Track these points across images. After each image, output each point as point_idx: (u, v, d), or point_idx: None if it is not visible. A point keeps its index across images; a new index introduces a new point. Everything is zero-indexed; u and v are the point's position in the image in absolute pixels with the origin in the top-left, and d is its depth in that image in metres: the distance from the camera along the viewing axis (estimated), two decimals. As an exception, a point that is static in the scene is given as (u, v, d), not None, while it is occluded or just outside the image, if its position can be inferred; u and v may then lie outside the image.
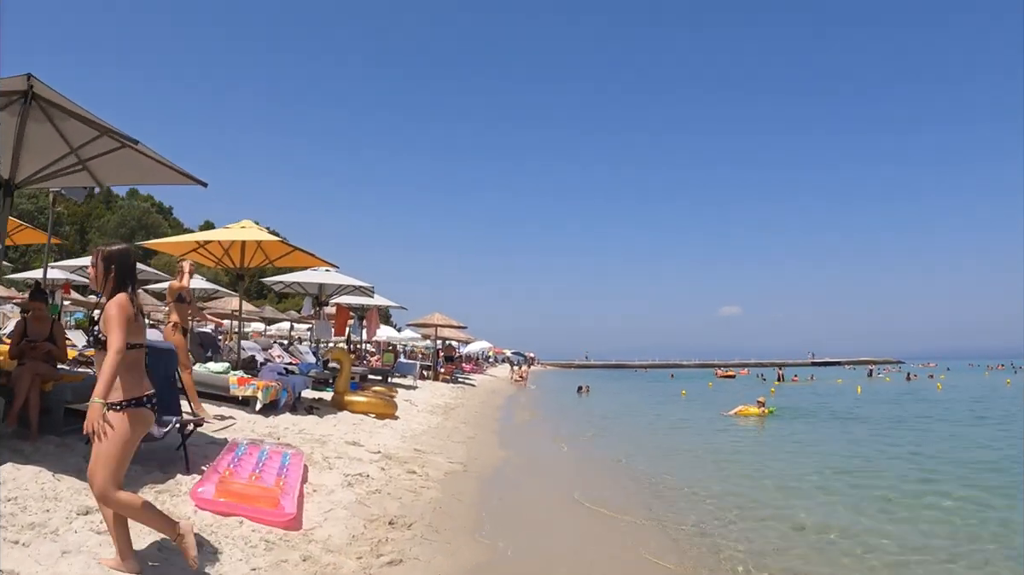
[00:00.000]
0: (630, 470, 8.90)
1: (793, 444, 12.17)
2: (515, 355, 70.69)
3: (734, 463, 9.77)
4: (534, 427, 13.40)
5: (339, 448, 7.22)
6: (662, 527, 5.86)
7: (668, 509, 6.61)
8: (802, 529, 5.97)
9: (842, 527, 6.04)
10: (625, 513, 6.33)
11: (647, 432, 14.01)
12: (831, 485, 8.17)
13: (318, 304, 14.31)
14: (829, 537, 5.72)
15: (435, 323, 24.93)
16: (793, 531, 5.92)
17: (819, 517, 6.38)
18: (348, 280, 13.76)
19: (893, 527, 6.12)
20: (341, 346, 13.32)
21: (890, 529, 6.03)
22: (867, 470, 9.41)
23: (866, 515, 6.57)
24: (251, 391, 8.80)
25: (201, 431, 7.04)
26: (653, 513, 6.41)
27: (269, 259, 10.55)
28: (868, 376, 53.57)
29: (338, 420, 9.37)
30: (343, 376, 10.69)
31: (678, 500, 7.11)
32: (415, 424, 10.46)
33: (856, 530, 5.97)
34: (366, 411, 10.32)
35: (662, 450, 11.01)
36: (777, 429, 14.78)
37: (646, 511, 6.49)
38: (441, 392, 18.38)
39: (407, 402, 13.53)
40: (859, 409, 21.31)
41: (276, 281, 14.61)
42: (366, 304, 17.93)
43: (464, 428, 11.19)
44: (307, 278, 14.07)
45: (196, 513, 4.40)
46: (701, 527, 5.88)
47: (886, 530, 6.00)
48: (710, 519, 6.19)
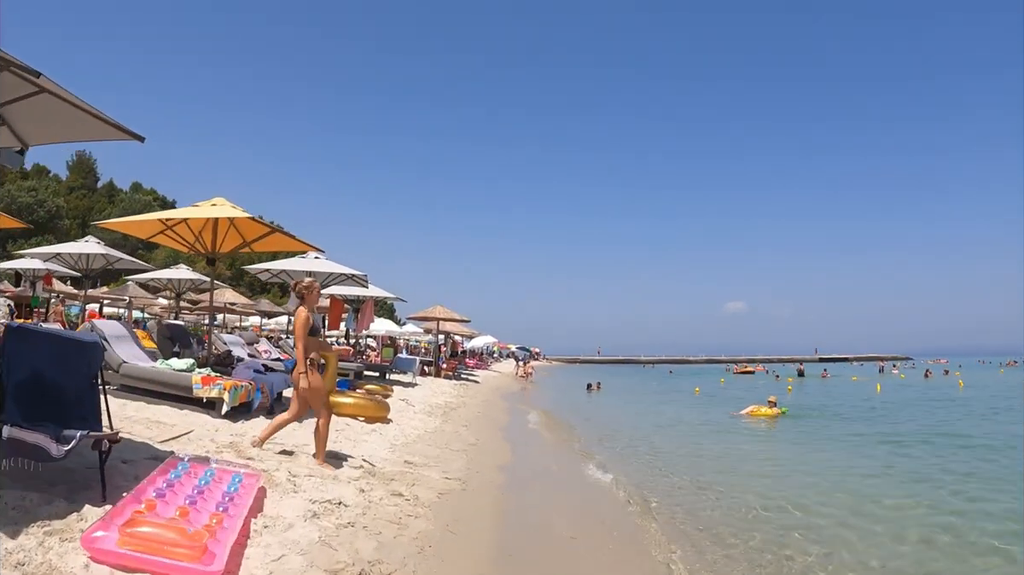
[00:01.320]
0: (655, 491, 7.70)
1: (807, 458, 10.88)
2: (520, 350, 69.54)
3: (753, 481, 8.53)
4: (543, 431, 12.17)
5: (313, 463, 6.01)
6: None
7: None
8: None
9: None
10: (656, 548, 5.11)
11: (667, 437, 12.78)
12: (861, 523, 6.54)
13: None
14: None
15: (437, 316, 23.72)
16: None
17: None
18: (339, 268, 12.55)
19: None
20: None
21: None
22: (911, 500, 7.39)
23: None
24: (216, 392, 7.60)
25: (145, 442, 5.87)
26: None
27: (245, 241, 9.33)
28: (880, 373, 52.20)
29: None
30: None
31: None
32: (409, 429, 9.25)
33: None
34: (353, 414, 9.12)
35: (688, 463, 9.79)
36: (789, 436, 13.43)
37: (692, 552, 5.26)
38: (442, 390, 17.18)
39: (403, 402, 12.32)
40: (883, 411, 19.98)
41: (261, 269, 13.40)
42: (362, 295, 16.73)
43: (465, 433, 9.97)
44: (294, 266, 12.87)
45: (88, 568, 3.20)
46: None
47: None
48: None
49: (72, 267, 16.44)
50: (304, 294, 5.96)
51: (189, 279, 18.91)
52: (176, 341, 9.90)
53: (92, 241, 15.16)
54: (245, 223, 9.13)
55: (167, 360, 8.41)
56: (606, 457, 9.44)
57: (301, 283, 6.02)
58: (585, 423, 13.98)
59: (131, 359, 8.37)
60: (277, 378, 9.42)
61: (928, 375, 46.14)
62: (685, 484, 7.80)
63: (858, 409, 19.99)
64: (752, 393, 26.35)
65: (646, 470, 8.53)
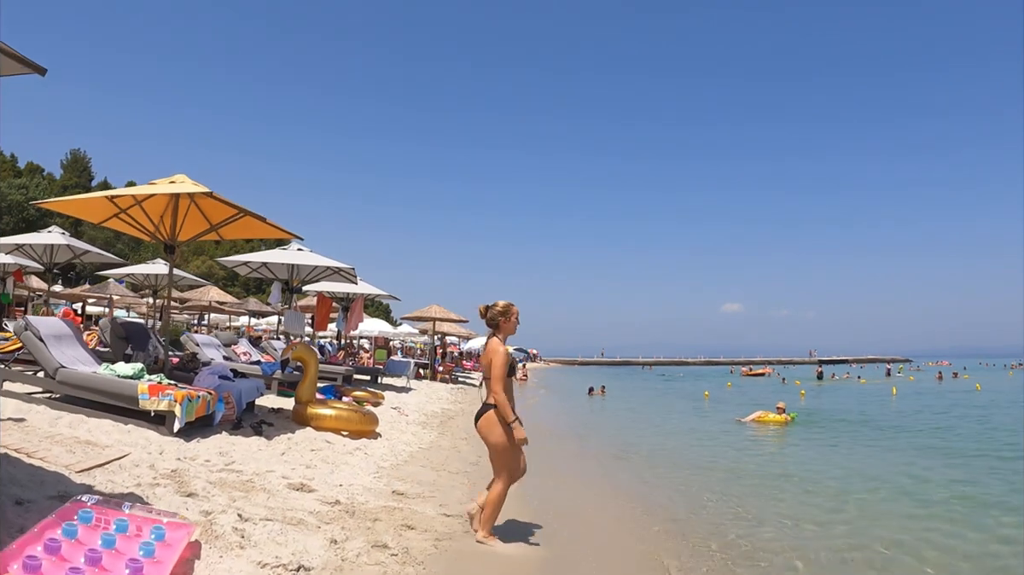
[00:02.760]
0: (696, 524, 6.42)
1: (863, 473, 9.62)
2: (517, 351, 68.35)
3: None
4: (551, 444, 10.86)
5: (274, 499, 4.71)
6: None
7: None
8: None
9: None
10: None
11: (689, 452, 11.51)
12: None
13: (289, 290, 11.78)
14: None
15: (432, 316, 22.41)
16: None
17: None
18: (324, 261, 11.25)
19: None
20: (304, 341, 10.79)
21: None
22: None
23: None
24: (166, 404, 6.29)
25: (58, 471, 4.57)
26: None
27: (211, 224, 8.03)
28: (887, 375, 51.08)
29: (293, 443, 6.86)
30: (307, 380, 8.18)
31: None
32: (401, 445, 7.95)
33: None
34: (336, 428, 7.82)
35: (729, 490, 8.50)
36: (799, 445, 12.18)
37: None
38: (438, 395, 15.88)
39: (395, 410, 11.02)
40: (907, 417, 18.75)
41: (239, 263, 12.07)
42: (352, 292, 15.43)
43: (465, 448, 8.68)
44: (276, 258, 11.56)
45: None
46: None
47: None
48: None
49: (36, 260, 15.07)
50: (499, 320, 4.50)
51: (164, 274, 17.52)
52: (131, 342, 8.58)
53: (56, 231, 13.81)
54: (209, 204, 7.83)
55: (113, 365, 7.09)
56: (630, 481, 8.16)
57: (495, 307, 4.52)
58: (595, 435, 12.69)
59: (71, 363, 7.06)
60: (247, 385, 8.11)
61: (940, 377, 45.02)
62: (745, 527, 6.51)
63: (886, 415, 18.76)
64: (766, 397, 25.16)
65: (680, 499, 7.24)
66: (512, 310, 4.52)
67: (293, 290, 11.76)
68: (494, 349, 4.39)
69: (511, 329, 4.53)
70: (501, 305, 4.50)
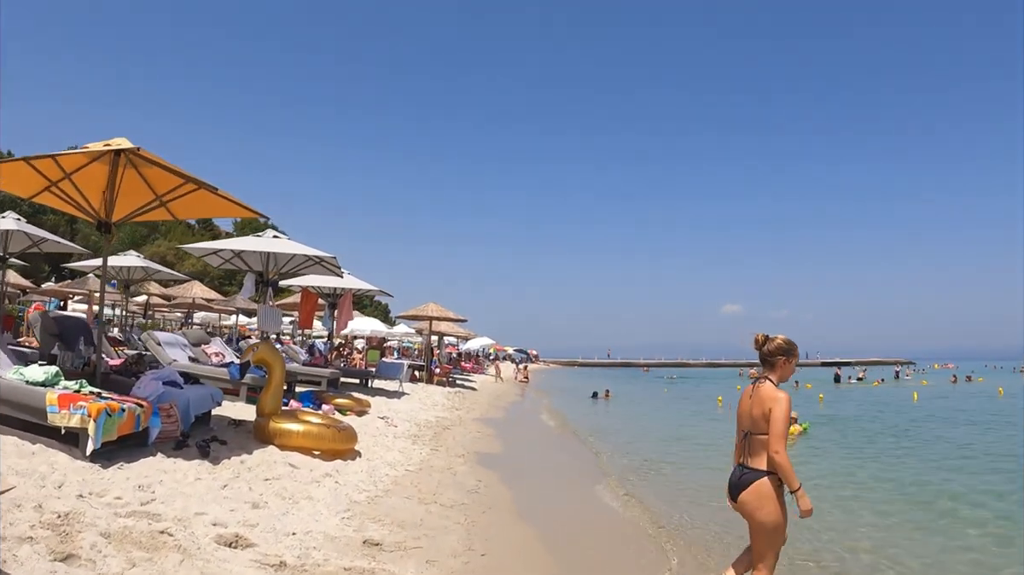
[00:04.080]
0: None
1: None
2: (517, 352, 66.97)
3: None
4: (563, 461, 9.49)
5: (189, 564, 3.34)
6: None
7: None
8: None
9: None
10: None
11: (714, 474, 10.15)
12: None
13: (263, 283, 10.39)
14: None
15: (429, 315, 21.05)
16: None
17: None
18: (304, 249, 9.87)
19: None
20: (266, 341, 9.39)
21: None
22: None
23: None
24: (77, 419, 4.92)
25: None
26: None
27: (157, 195, 6.65)
28: (895, 378, 49.76)
29: (244, 469, 5.48)
30: (270, 388, 6.81)
31: None
32: (384, 467, 6.57)
33: None
34: (304, 447, 6.44)
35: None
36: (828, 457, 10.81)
37: None
38: (433, 400, 14.50)
39: (383, 420, 9.66)
40: (943, 425, 17.37)
41: (207, 250, 10.69)
42: (339, 288, 14.04)
43: (462, 469, 7.30)
44: (248, 246, 10.18)
45: None
46: None
47: None
48: None
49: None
50: (779, 360, 3.35)
51: (141, 267, 16.11)
52: (63, 339, 7.19)
53: (11, 216, 12.41)
54: (155, 174, 6.46)
55: (24, 368, 5.71)
56: (663, 516, 6.78)
57: (774, 340, 3.38)
58: (610, 448, 11.30)
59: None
60: (198, 393, 6.75)
61: (954, 380, 43.69)
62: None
63: (917, 423, 17.38)
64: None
65: (719, 542, 5.86)
66: (795, 350, 3.39)
67: (268, 283, 10.39)
68: (771, 396, 3.23)
69: (789, 373, 3.41)
70: (782, 340, 3.37)
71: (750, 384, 3.45)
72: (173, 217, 7.70)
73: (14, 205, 26.03)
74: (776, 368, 3.33)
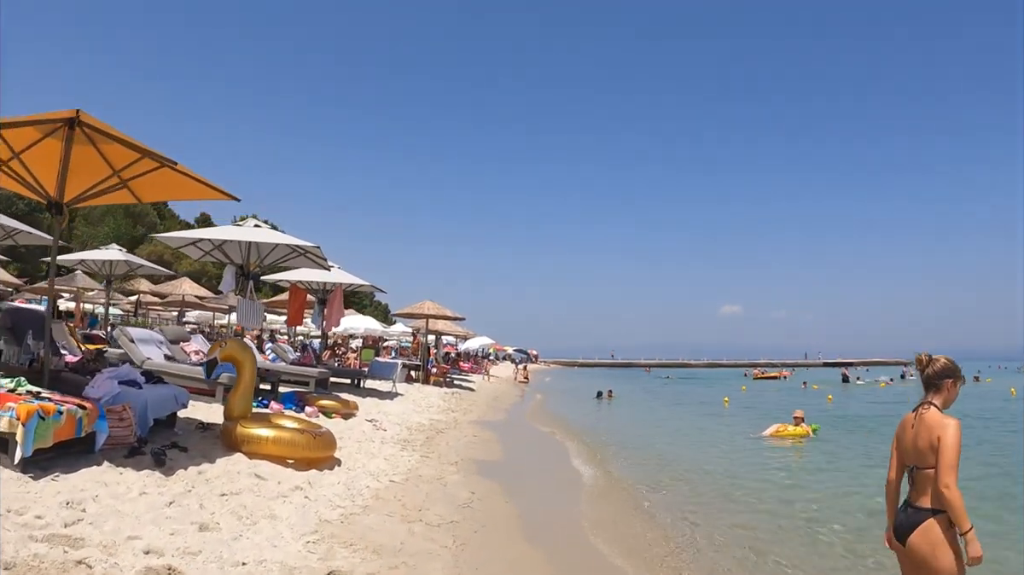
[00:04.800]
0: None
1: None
2: (517, 352, 66.14)
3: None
4: (570, 469, 8.78)
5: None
6: None
7: None
8: None
9: None
10: None
11: (733, 486, 9.44)
12: None
13: (244, 276, 9.69)
14: None
15: (426, 313, 20.34)
16: None
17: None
18: (285, 238, 9.17)
19: None
20: (235, 337, 8.71)
21: None
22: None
23: None
24: (5, 423, 4.23)
25: None
26: None
27: (115, 170, 5.95)
28: (902, 378, 48.97)
29: (200, 481, 4.77)
30: (239, 389, 6.11)
31: None
32: (365, 477, 5.86)
33: None
34: (276, 455, 5.73)
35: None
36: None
37: None
38: (428, 402, 13.79)
39: (371, 423, 8.95)
40: (968, 427, 16.59)
41: (185, 240, 9.98)
42: (329, 282, 13.34)
43: (454, 478, 6.59)
44: (226, 235, 9.47)
45: None
46: None
47: None
48: None
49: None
50: (945, 383, 2.94)
51: (124, 261, 15.36)
52: (14, 333, 6.49)
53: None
54: (114, 151, 5.77)
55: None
56: (688, 539, 6.06)
57: (937, 362, 2.98)
58: (618, 452, 10.60)
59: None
60: (159, 394, 6.04)
61: (975, 379, 43.00)
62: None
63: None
64: (789, 403, 23.09)
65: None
66: (959, 371, 3.00)
67: (250, 276, 9.69)
68: (938, 423, 2.81)
69: (954, 396, 2.97)
70: (945, 360, 2.99)
71: (910, 412, 2.97)
72: (137, 199, 7.01)
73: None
74: (942, 391, 2.92)
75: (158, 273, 16.47)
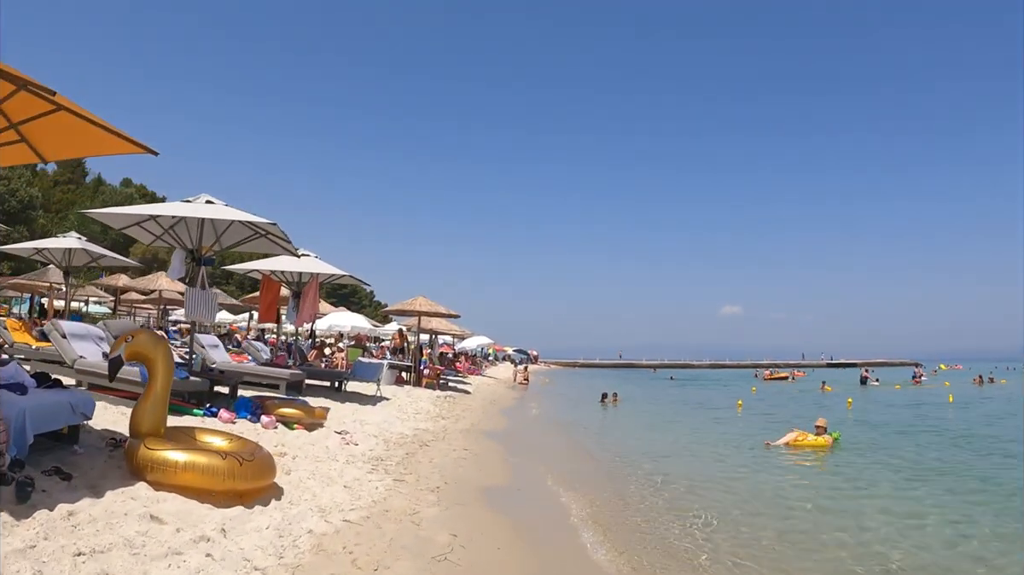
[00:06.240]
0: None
1: None
2: (517, 353, 64.62)
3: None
4: (579, 491, 7.33)
5: None
6: None
7: None
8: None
9: None
10: None
11: (770, 515, 7.99)
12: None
13: (194, 261, 8.24)
14: None
15: (418, 310, 18.87)
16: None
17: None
18: (238, 215, 7.71)
19: None
20: (145, 329, 7.24)
21: None
22: None
23: None
24: None
25: None
26: None
27: (11, 124, 4.50)
28: (912, 379, 47.47)
29: (65, 527, 3.31)
30: (148, 396, 4.65)
31: None
32: (309, 516, 4.39)
33: None
34: (189, 486, 4.28)
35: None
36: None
37: None
38: (417, 407, 12.33)
39: (340, 435, 7.48)
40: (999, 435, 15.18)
41: (132, 219, 8.52)
42: (304, 273, 11.89)
43: (430, 512, 5.11)
44: (172, 211, 8.01)
45: None
46: None
47: None
48: None
49: None
50: None
51: (83, 250, 13.86)
52: None
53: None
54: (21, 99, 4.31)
55: None
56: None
57: None
58: (629, 471, 9.17)
59: None
60: (45, 404, 4.58)
61: (979, 382, 41.52)
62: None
63: (983, 435, 15.21)
64: (804, 407, 21.66)
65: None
66: None
67: (202, 261, 8.25)
68: None
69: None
70: None
71: None
72: (40, 158, 5.56)
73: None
74: None
75: (119, 263, 15.01)
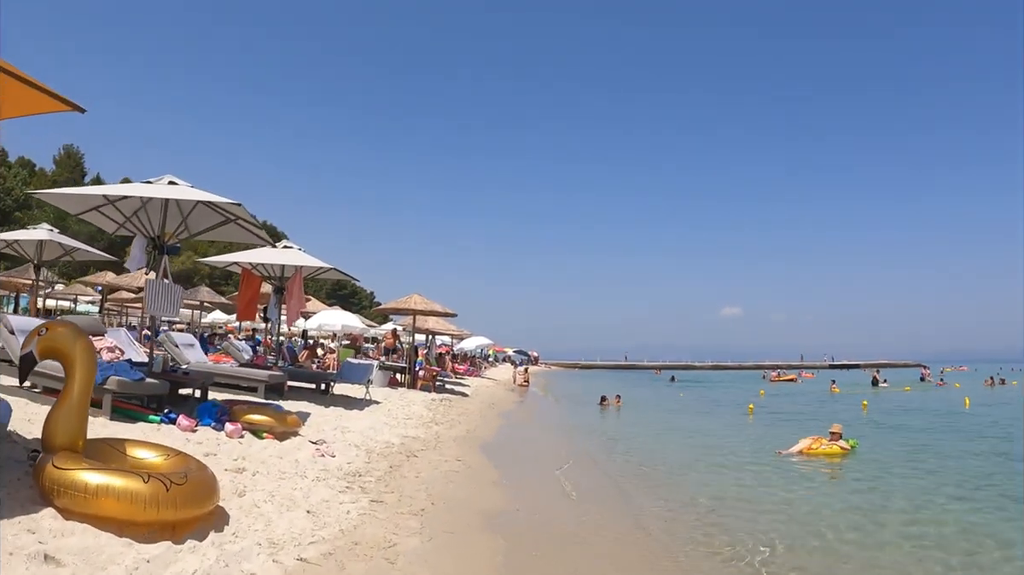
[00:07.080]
0: None
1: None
2: (517, 354, 63.71)
3: None
4: (582, 509, 6.47)
5: None
6: None
7: None
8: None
9: None
10: None
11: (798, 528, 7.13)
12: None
13: (156, 250, 7.38)
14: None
15: (413, 308, 18.01)
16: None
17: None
18: (201, 195, 6.84)
19: None
20: (64, 323, 6.35)
21: None
22: None
23: None
24: None
25: None
26: None
27: None
28: (920, 380, 46.63)
29: None
30: (63, 402, 3.80)
31: None
32: (255, 554, 3.51)
33: None
34: (107, 515, 3.41)
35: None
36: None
37: None
38: (408, 411, 11.46)
39: (314, 446, 6.62)
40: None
41: (89, 201, 7.65)
42: (287, 266, 11.03)
43: (411, 543, 4.24)
44: (129, 191, 7.15)
45: None
46: None
47: None
48: None
49: None
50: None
51: (56, 242, 12.96)
52: None
53: None
54: None
55: None
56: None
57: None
58: (641, 483, 8.32)
59: None
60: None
61: (991, 383, 40.73)
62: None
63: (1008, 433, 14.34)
64: (817, 410, 20.83)
65: None
66: None
67: (164, 250, 7.40)
68: None
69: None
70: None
71: None
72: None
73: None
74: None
75: (95, 258, 14.15)
